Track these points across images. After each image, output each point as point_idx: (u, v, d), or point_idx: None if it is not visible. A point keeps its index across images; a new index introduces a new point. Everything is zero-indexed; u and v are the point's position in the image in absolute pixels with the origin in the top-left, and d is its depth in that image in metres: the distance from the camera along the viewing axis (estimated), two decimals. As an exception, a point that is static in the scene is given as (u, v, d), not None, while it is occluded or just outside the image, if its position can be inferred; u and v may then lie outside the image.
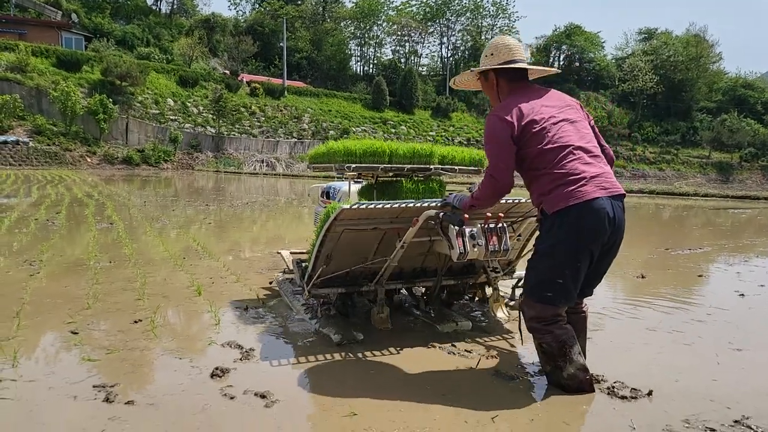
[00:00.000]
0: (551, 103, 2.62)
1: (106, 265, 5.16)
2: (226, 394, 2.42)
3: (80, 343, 2.99)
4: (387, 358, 2.94)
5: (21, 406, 2.26)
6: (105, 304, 3.81)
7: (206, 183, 23.09)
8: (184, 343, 3.09)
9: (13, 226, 7.65)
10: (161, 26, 58.83)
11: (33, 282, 4.38)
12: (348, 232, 3.07)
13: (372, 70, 73.87)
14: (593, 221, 2.39)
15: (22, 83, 35.07)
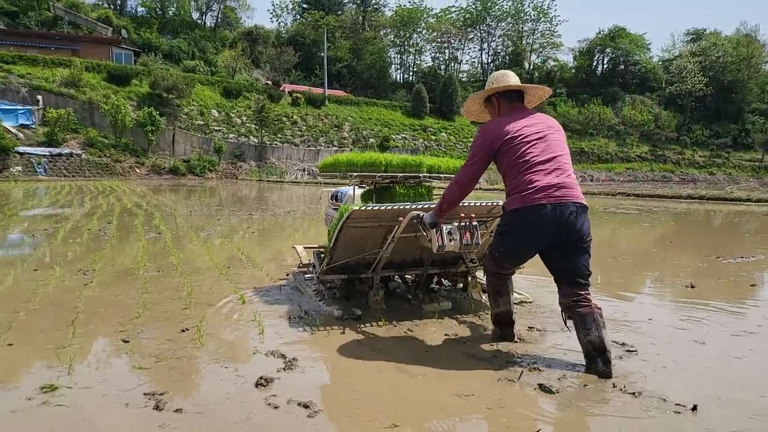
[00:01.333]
0: (534, 123, 3.20)
1: (154, 274, 5.31)
2: (270, 404, 2.46)
3: (131, 351, 3.09)
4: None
5: (76, 412, 2.35)
6: (154, 312, 3.92)
7: (249, 192, 23.51)
8: (229, 352, 3.15)
9: (68, 236, 7.95)
10: (206, 39, 60.38)
11: (87, 291, 4.55)
12: (350, 229, 3.77)
13: (412, 77, 74.07)
14: (536, 221, 3.02)
15: (76, 98, 36.52)
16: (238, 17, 70.74)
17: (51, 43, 44.83)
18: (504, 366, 2.98)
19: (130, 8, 64.89)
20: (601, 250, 7.62)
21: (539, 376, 2.85)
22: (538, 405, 2.51)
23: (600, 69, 74.46)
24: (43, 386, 2.58)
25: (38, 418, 2.29)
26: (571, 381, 2.79)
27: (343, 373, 2.91)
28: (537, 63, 75.49)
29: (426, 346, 3.30)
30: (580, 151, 57.69)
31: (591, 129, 60.47)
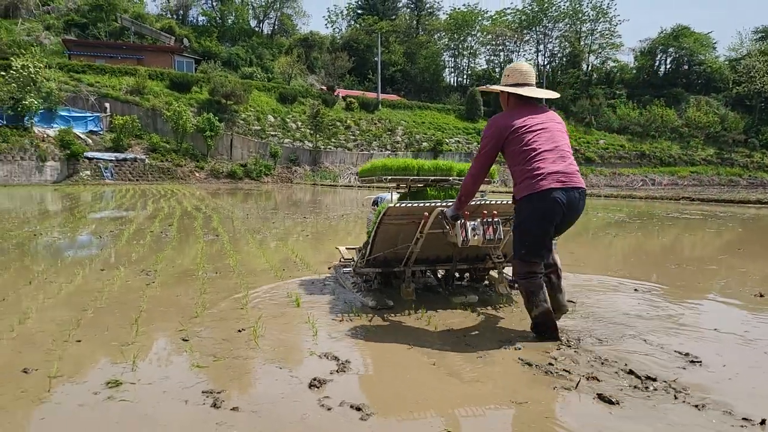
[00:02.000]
0: (537, 116, 3.52)
1: (212, 276, 5.46)
2: (324, 405, 2.48)
3: (190, 350, 3.18)
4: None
5: (139, 407, 2.43)
6: (212, 312, 4.03)
7: (304, 196, 23.87)
8: (283, 353, 3.20)
9: (132, 238, 8.28)
10: (263, 46, 61.76)
11: (149, 290, 4.72)
12: (386, 225, 4.15)
13: (466, 80, 73.62)
14: (547, 205, 3.31)
15: (140, 105, 38.06)
16: (294, 24, 72.11)
17: (118, 52, 46.89)
18: (560, 374, 2.91)
19: (191, 18, 67.13)
20: (664, 256, 7.36)
21: (598, 385, 2.77)
22: (598, 416, 2.44)
23: (662, 69, 72.04)
24: (108, 381, 2.69)
25: (104, 412, 2.38)
26: (632, 391, 2.69)
27: (396, 376, 2.91)
28: (596, 64, 73.69)
29: (479, 352, 3.26)
30: (641, 155, 55.90)
31: (653, 131, 58.51)
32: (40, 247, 7.57)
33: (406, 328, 3.73)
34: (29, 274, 5.45)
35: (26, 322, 3.69)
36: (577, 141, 55.72)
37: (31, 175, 30.90)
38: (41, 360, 2.98)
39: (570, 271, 5.95)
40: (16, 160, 30.37)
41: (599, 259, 7.36)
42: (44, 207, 15.83)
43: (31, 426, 2.27)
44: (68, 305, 4.22)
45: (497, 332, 3.69)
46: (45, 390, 2.58)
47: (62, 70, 38.29)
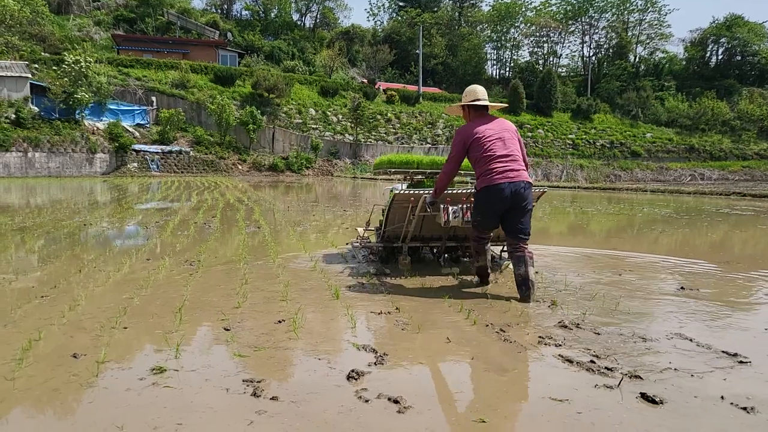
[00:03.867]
0: (494, 127, 4.51)
1: (253, 266, 5.54)
2: (361, 397, 2.49)
3: (231, 340, 3.24)
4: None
5: (182, 394, 2.49)
6: (252, 303, 4.09)
7: (344, 189, 24.01)
8: (322, 344, 3.23)
9: (176, 229, 8.48)
10: (305, 40, 62.24)
11: (192, 280, 4.83)
12: (395, 208, 5.26)
13: (508, 73, 72.70)
14: (495, 195, 4.33)
15: (185, 98, 38.87)
16: (336, 17, 72.37)
17: (164, 47, 47.99)
18: (602, 371, 2.85)
19: (235, 12, 68.09)
20: (713, 254, 7.12)
21: (641, 384, 2.70)
22: (641, 416, 2.38)
23: (714, 60, 69.56)
24: (153, 368, 2.77)
25: (148, 398, 2.45)
26: (677, 390, 2.62)
27: (432, 369, 2.90)
28: (643, 55, 71.72)
29: (519, 347, 3.22)
30: (690, 148, 54.19)
31: (703, 124, 56.59)
32: (90, 236, 7.83)
33: (446, 321, 3.72)
34: (79, 262, 5.65)
35: (76, 309, 3.82)
36: (622, 134, 54.39)
37: (82, 167, 31.96)
38: (90, 345, 3.09)
39: (613, 270, 5.84)
40: (68, 153, 31.46)
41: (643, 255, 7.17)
42: (94, 198, 16.36)
43: (81, 409, 2.35)
44: (116, 293, 4.35)
45: (536, 329, 3.64)
46: (93, 375, 2.67)
47: (111, 65, 39.40)
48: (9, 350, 2.99)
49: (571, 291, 4.68)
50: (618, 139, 53.65)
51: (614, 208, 14.97)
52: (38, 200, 15.26)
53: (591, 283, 5.06)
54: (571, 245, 7.74)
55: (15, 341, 3.13)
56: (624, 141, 53.70)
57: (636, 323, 3.76)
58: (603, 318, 3.85)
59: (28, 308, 3.84)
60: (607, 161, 51.11)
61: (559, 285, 4.92)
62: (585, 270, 5.77)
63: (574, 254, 6.93)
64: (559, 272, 5.59)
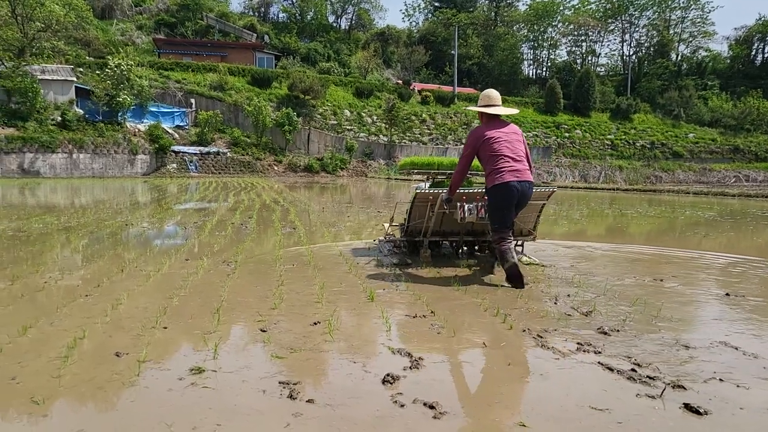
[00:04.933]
0: (503, 130, 5.01)
1: (289, 268, 5.59)
2: (397, 401, 2.48)
3: (268, 341, 3.27)
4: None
5: (220, 395, 2.53)
6: (288, 304, 4.13)
7: (378, 190, 24.05)
8: (357, 347, 3.24)
9: (214, 229, 8.62)
10: (340, 41, 62.61)
11: (229, 281, 4.90)
12: (417, 206, 5.88)
13: (545, 72, 71.79)
14: (506, 192, 4.80)
15: (223, 100, 39.54)
16: (371, 18, 72.61)
17: (203, 50, 48.92)
18: (644, 380, 2.78)
19: (272, 15, 68.99)
20: (761, 259, 6.88)
21: (685, 394, 2.62)
22: (685, 427, 2.31)
23: (760, 59, 67.32)
24: (192, 368, 2.81)
25: (188, 398, 2.49)
26: (722, 402, 2.54)
27: (468, 374, 2.88)
28: (686, 54, 69.90)
29: (556, 352, 3.17)
30: (734, 149, 52.60)
31: (747, 124, 54.83)
32: (131, 236, 8.02)
33: (482, 325, 3.68)
34: (121, 262, 5.79)
35: (118, 308, 3.92)
36: (663, 135, 53.14)
37: (124, 168, 32.80)
38: (131, 344, 3.16)
39: (654, 274, 5.70)
40: (110, 154, 32.32)
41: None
42: (135, 198, 16.78)
43: (123, 407, 2.41)
44: (156, 293, 4.45)
45: (572, 335, 3.57)
46: (135, 374, 2.73)
47: (152, 68, 40.35)
48: (55, 348, 3.08)
49: (610, 296, 4.58)
50: (659, 140, 52.42)
51: (655, 211, 14.62)
52: (82, 200, 15.72)
53: (631, 287, 4.96)
54: (610, 248, 7.58)
55: (60, 339, 3.23)
56: (665, 141, 52.44)
57: (679, 330, 3.66)
58: (644, 324, 3.76)
59: (73, 306, 3.95)
60: (647, 162, 49.99)
61: (597, 289, 4.83)
62: (625, 274, 5.65)
63: (614, 257, 6.80)
64: (597, 276, 5.49)
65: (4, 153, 28.62)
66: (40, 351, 3.03)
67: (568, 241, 8.24)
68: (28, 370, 2.76)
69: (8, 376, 2.68)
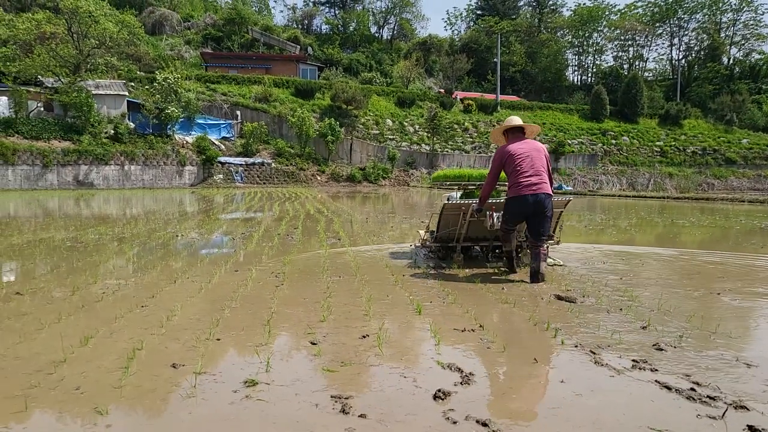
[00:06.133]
0: (525, 147, 5.57)
1: (336, 279, 5.64)
2: (449, 418, 2.47)
3: (318, 354, 3.30)
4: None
5: (274, 408, 2.57)
6: (336, 316, 4.16)
7: (420, 199, 24.02)
8: (407, 361, 3.23)
9: (261, 240, 8.77)
10: (382, 52, 63.04)
11: (278, 292, 4.97)
12: (445, 215, 6.43)
13: (590, 79, 70.57)
14: (521, 203, 5.46)
15: (267, 111, 40.28)
16: (413, 28, 72.90)
17: (248, 63, 49.99)
18: (704, 400, 2.68)
19: (315, 27, 70.06)
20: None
21: (748, 415, 2.52)
22: (748, 452, 2.23)
23: (818, 60, 64.54)
24: (246, 380, 2.86)
25: (243, 410, 2.54)
26: None
27: (520, 391, 2.84)
28: (738, 57, 67.58)
29: (611, 369, 3.09)
30: (791, 156, 50.45)
31: (806, 130, 52.57)
32: (181, 246, 8.23)
33: (532, 340, 3.63)
34: (173, 273, 5.95)
35: (173, 319, 4.02)
36: (715, 140, 51.46)
37: (173, 179, 33.72)
38: (187, 356, 3.23)
39: (706, 288, 5.52)
40: (160, 165, 33.30)
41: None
42: (183, 209, 17.22)
43: (181, 419, 2.46)
44: (207, 304, 4.55)
45: (628, 349, 3.48)
46: (192, 385, 2.80)
47: (199, 81, 41.46)
48: (114, 359, 3.18)
49: (664, 310, 4.45)
50: (711, 146, 50.77)
51: (707, 220, 14.15)
52: (133, 211, 16.23)
53: (687, 301, 4.81)
54: (660, 259, 7.38)
55: (119, 350, 3.33)
56: (717, 147, 50.75)
57: (739, 347, 3.53)
58: (701, 341, 3.64)
59: (130, 317, 4.08)
60: (698, 169, 48.47)
61: (651, 302, 4.70)
62: (679, 286, 5.48)
63: (666, 269, 6.61)
64: (651, 288, 5.35)
65: (61, 165, 29.81)
66: (101, 361, 3.14)
67: (616, 249, 8.06)
68: (91, 380, 2.86)
69: (73, 385, 2.78)
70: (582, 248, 8.34)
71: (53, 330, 3.74)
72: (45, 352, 3.29)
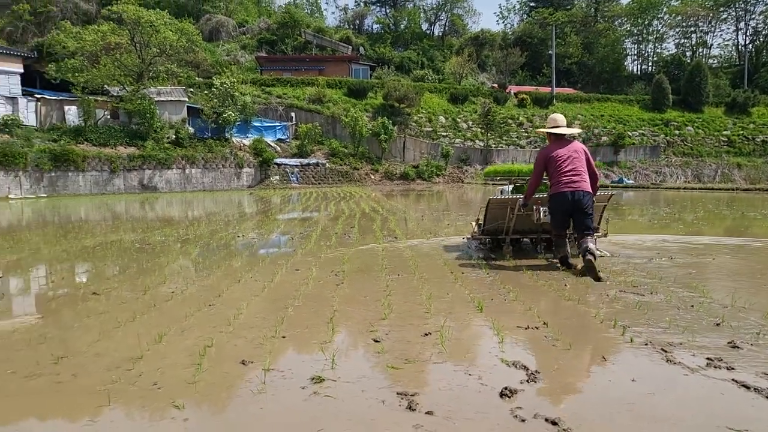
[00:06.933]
0: (567, 150, 5.93)
1: (395, 278, 5.66)
2: (516, 416, 2.45)
3: (382, 351, 3.33)
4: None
5: (342, 404, 2.61)
6: (398, 314, 4.18)
7: (474, 195, 23.78)
8: (471, 359, 3.22)
9: (319, 239, 8.90)
10: (434, 48, 62.80)
11: (339, 291, 5.03)
12: (491, 210, 6.91)
13: (651, 68, 68.18)
14: (561, 200, 5.80)
15: (321, 112, 40.79)
16: (465, 23, 72.29)
17: (302, 65, 50.76)
18: (787, 403, 2.56)
19: (366, 26, 70.46)
20: None
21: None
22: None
23: None
24: (312, 377, 2.92)
25: (312, 407, 2.59)
26: None
27: (589, 390, 2.78)
28: (811, 39, 63.76)
29: (684, 367, 2.99)
30: None
31: None
32: (243, 247, 8.44)
33: (599, 338, 3.55)
34: (237, 273, 6.11)
35: (239, 317, 4.14)
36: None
37: (231, 181, 34.61)
38: (255, 353, 3.32)
39: (789, 282, 5.24)
40: (218, 168, 34.24)
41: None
42: (242, 210, 17.66)
43: (253, 414, 2.54)
44: (271, 303, 4.65)
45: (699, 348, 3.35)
46: (261, 381, 2.87)
47: (255, 85, 42.34)
48: (187, 356, 3.30)
49: (739, 306, 4.26)
50: (780, 138, 48.17)
51: (782, 212, 13.43)
52: (195, 213, 16.76)
53: (763, 296, 4.58)
54: (735, 253, 7.05)
55: (191, 347, 3.46)
56: (786, 138, 48.11)
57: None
58: (783, 340, 3.47)
59: (199, 316, 4.22)
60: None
61: (724, 298, 4.51)
62: (754, 282, 5.24)
63: (740, 264, 6.31)
64: (722, 283, 5.14)
65: (127, 170, 31.07)
66: (175, 358, 3.27)
67: (683, 242, 7.76)
68: (166, 376, 2.98)
69: (151, 381, 2.90)
70: (647, 242, 8.08)
71: (129, 328, 3.92)
72: (122, 349, 3.45)
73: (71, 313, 4.48)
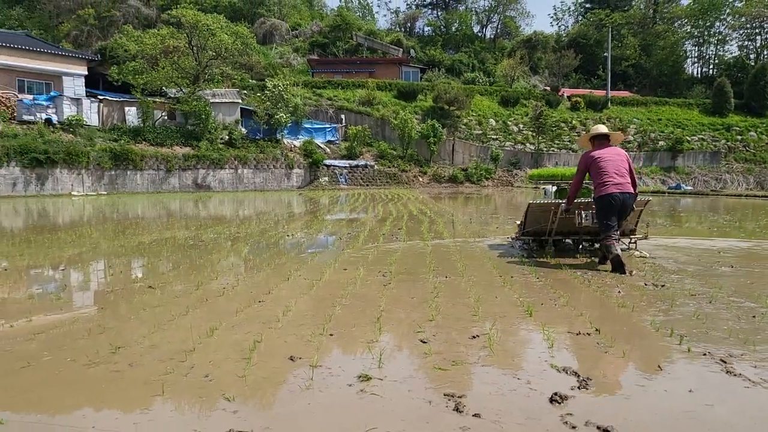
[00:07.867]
0: (609, 152, 6.28)
1: (442, 279, 5.63)
2: (567, 423, 2.39)
3: (429, 352, 3.31)
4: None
5: (389, 403, 2.61)
6: (445, 316, 4.15)
7: (524, 199, 23.38)
8: (520, 363, 3.17)
9: (367, 239, 8.93)
10: (485, 51, 62.22)
11: (386, 291, 5.04)
12: (531, 213, 7.27)
13: (712, 71, 65.68)
14: (608, 201, 6.04)
15: (370, 115, 41.01)
16: (517, 25, 71.42)
17: (352, 67, 51.14)
18: None
19: (417, 29, 70.44)
20: None
21: None
22: None
23: None
24: (359, 375, 2.93)
25: (359, 404, 2.60)
26: None
27: (643, 399, 2.69)
28: None
29: (745, 380, 2.85)
30: None
31: None
32: (292, 245, 8.56)
33: (655, 346, 3.44)
34: (286, 270, 6.19)
35: (288, 314, 4.19)
36: None
37: (281, 182, 35.18)
38: (303, 350, 3.36)
39: None
40: (269, 169, 34.86)
41: None
42: (291, 210, 17.91)
43: (301, 409, 2.56)
44: (319, 301, 4.70)
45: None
46: (309, 377, 2.90)
47: (306, 87, 42.95)
48: (238, 350, 3.37)
49: (807, 320, 4.04)
50: None
51: None
52: (246, 212, 17.11)
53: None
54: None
55: (241, 341, 3.52)
56: None
57: None
58: None
59: (249, 311, 4.30)
60: (840, 166, 43.66)
61: (790, 312, 4.29)
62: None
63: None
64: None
65: (182, 170, 31.97)
66: (226, 352, 3.34)
67: (743, 250, 7.44)
68: (218, 368, 3.05)
69: (202, 373, 2.97)
70: (705, 248, 7.78)
71: (182, 321, 4.02)
72: (176, 341, 3.55)
73: (128, 306, 4.63)
